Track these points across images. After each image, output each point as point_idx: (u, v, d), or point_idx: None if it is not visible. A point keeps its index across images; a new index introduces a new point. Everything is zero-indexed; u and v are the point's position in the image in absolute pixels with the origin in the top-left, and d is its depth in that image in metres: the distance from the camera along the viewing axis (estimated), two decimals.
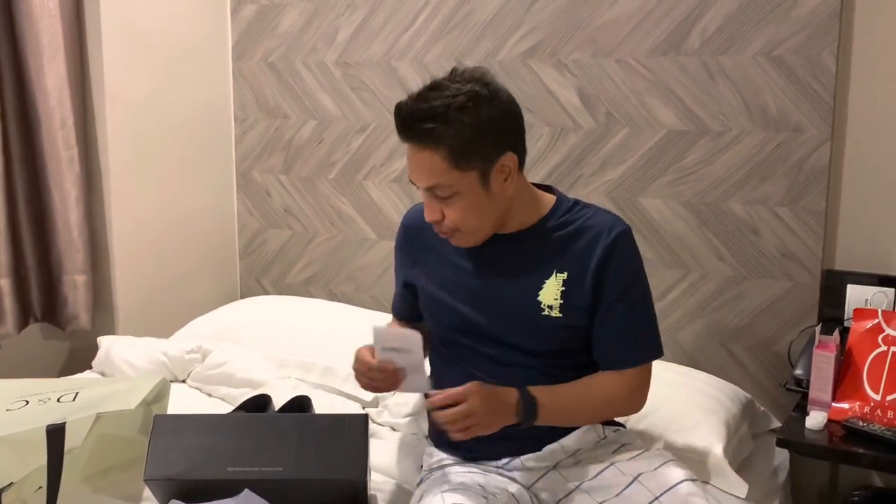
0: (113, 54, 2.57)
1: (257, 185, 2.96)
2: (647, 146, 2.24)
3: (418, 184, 1.51)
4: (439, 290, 1.63)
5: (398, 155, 2.63)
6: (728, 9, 2.10)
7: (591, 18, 2.27)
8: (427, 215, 1.52)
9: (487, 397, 1.43)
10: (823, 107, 2.02)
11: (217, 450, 1.52)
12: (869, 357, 1.82)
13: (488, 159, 1.48)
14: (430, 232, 1.60)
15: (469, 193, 1.48)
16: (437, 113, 1.44)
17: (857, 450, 1.69)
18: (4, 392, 1.73)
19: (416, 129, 1.46)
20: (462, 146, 1.45)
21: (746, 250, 2.16)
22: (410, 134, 1.48)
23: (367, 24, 2.64)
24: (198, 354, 2.33)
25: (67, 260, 2.57)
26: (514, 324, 1.56)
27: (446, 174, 1.46)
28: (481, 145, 1.47)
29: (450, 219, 1.51)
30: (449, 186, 1.47)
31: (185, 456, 1.52)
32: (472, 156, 1.46)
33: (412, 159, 1.50)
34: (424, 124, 1.45)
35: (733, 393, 2.05)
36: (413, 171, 1.51)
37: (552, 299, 1.54)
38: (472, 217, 1.51)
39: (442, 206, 1.50)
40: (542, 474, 1.56)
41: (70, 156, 2.52)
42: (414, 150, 1.48)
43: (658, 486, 1.44)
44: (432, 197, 1.50)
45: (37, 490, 1.54)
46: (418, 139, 1.47)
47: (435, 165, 1.46)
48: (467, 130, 1.45)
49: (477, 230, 1.54)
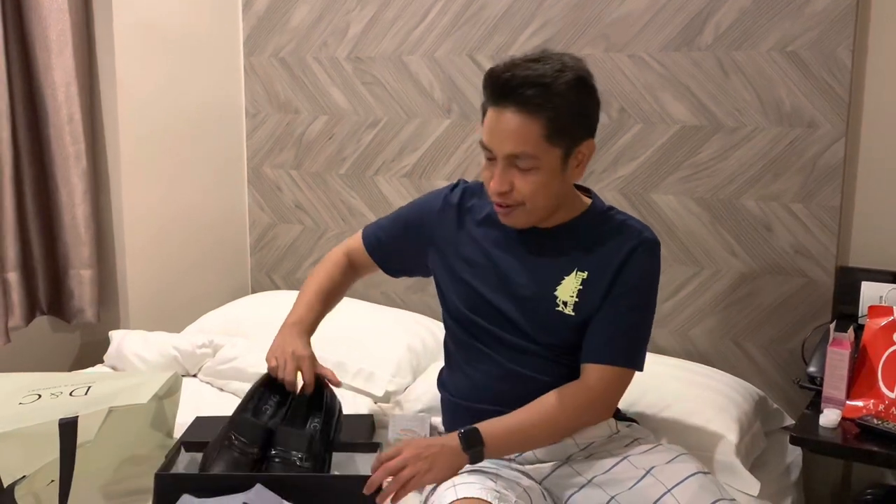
0: (124, 49, 2.57)
1: (268, 180, 2.96)
2: (659, 142, 2.23)
3: (500, 150, 1.47)
4: (468, 270, 1.64)
5: (409, 150, 2.63)
6: (742, 4, 2.08)
7: (603, 13, 2.26)
8: (496, 184, 1.49)
9: (422, 445, 1.44)
10: (838, 102, 2.01)
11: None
12: (884, 355, 1.80)
13: (574, 141, 1.50)
14: (475, 212, 1.64)
15: (547, 170, 1.48)
16: (544, 82, 1.43)
17: (871, 448, 1.67)
18: (17, 385, 1.74)
19: (518, 95, 1.44)
20: (560, 121, 1.45)
21: (760, 247, 2.14)
22: (510, 98, 1.45)
23: (378, 18, 2.63)
24: (209, 349, 2.33)
25: (74, 254, 2.58)
26: (530, 315, 1.57)
27: (537, 145, 1.45)
28: (575, 126, 1.49)
29: (521, 192, 1.49)
30: (534, 158, 1.46)
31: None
32: (564, 133, 1.47)
33: (499, 123, 1.46)
34: (528, 90, 1.43)
35: (746, 390, 2.04)
36: (497, 137, 1.47)
37: (568, 296, 1.55)
38: (542, 194, 1.50)
39: (515, 178, 1.48)
40: (554, 468, 1.56)
41: (77, 151, 2.53)
42: (506, 115, 1.45)
43: (671, 478, 1.44)
44: (508, 166, 1.48)
45: (49, 483, 1.54)
46: (518, 104, 1.44)
47: (528, 134, 1.45)
48: (568, 108, 1.46)
49: (539, 209, 1.53)
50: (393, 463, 1.41)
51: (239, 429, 1.56)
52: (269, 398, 1.68)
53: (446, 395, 1.70)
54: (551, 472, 1.56)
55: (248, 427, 1.57)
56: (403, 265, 1.84)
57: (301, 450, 1.54)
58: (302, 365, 1.65)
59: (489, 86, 1.48)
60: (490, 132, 1.48)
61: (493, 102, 1.48)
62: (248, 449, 1.53)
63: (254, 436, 1.55)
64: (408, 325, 2.42)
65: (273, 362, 1.65)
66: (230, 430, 1.56)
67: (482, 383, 1.62)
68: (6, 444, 1.51)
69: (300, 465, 1.52)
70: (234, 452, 1.53)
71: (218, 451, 1.54)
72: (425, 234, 1.72)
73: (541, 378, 1.56)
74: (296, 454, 1.53)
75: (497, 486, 1.43)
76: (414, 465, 1.40)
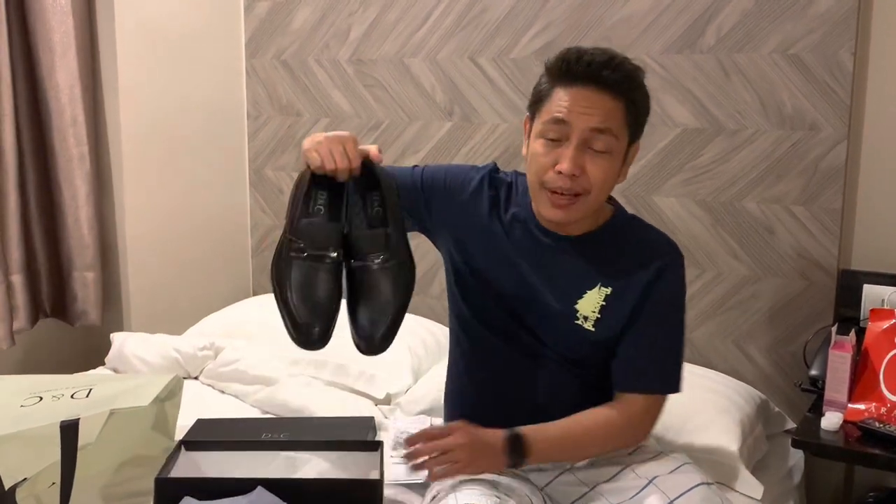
0: (126, 51, 2.58)
1: (270, 183, 2.96)
2: (661, 144, 2.23)
3: (584, 124, 1.42)
4: (491, 267, 1.58)
5: (410, 152, 2.63)
6: (744, 6, 2.08)
7: (605, 15, 2.26)
8: (569, 165, 1.42)
9: (473, 435, 1.43)
10: (840, 105, 2.00)
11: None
12: (886, 358, 1.80)
13: (636, 136, 1.50)
14: (502, 207, 1.59)
15: (617, 158, 1.47)
16: (628, 70, 1.45)
17: (873, 451, 1.67)
18: (18, 388, 1.74)
19: (607, 75, 1.43)
20: (636, 110, 1.46)
21: (761, 249, 2.14)
22: (601, 75, 1.42)
23: (380, 21, 2.63)
24: (210, 351, 2.33)
25: (77, 256, 2.59)
26: (549, 326, 1.55)
27: (619, 124, 1.44)
28: (642, 119, 1.49)
29: (592, 176, 1.44)
30: (614, 138, 1.44)
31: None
32: (635, 124, 1.47)
33: (587, 100, 1.43)
34: (614, 74, 1.43)
35: (748, 393, 2.04)
36: (584, 111, 1.42)
37: (590, 311, 1.52)
38: (608, 184, 1.48)
39: (587, 161, 1.44)
40: (556, 475, 1.55)
41: (81, 153, 2.53)
42: (588, 91, 1.43)
43: (673, 489, 1.42)
44: (584, 148, 1.44)
45: (50, 486, 1.53)
46: (610, 83, 1.43)
47: (614, 111, 1.43)
48: (643, 100, 1.48)
49: (597, 203, 1.50)
50: (442, 443, 1.40)
51: (303, 236, 1.41)
52: (317, 197, 1.48)
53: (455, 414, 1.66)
54: (553, 479, 1.55)
55: (314, 231, 1.42)
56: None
57: (378, 250, 1.42)
58: (347, 145, 1.45)
59: (570, 64, 1.44)
60: (571, 107, 1.43)
61: (576, 79, 1.43)
62: (326, 253, 1.40)
63: (325, 238, 1.41)
64: (409, 326, 2.39)
65: (315, 157, 1.43)
66: (293, 241, 1.41)
67: (490, 388, 1.60)
68: (7, 447, 1.51)
69: (386, 268, 1.41)
70: (309, 262, 1.39)
71: (287, 266, 1.41)
72: (446, 207, 1.63)
73: (550, 386, 1.55)
74: (375, 259, 1.42)
75: (498, 493, 1.43)
76: (459, 452, 1.39)
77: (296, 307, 1.39)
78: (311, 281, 1.39)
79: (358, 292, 1.43)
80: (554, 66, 1.47)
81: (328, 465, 1.58)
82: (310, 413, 2.02)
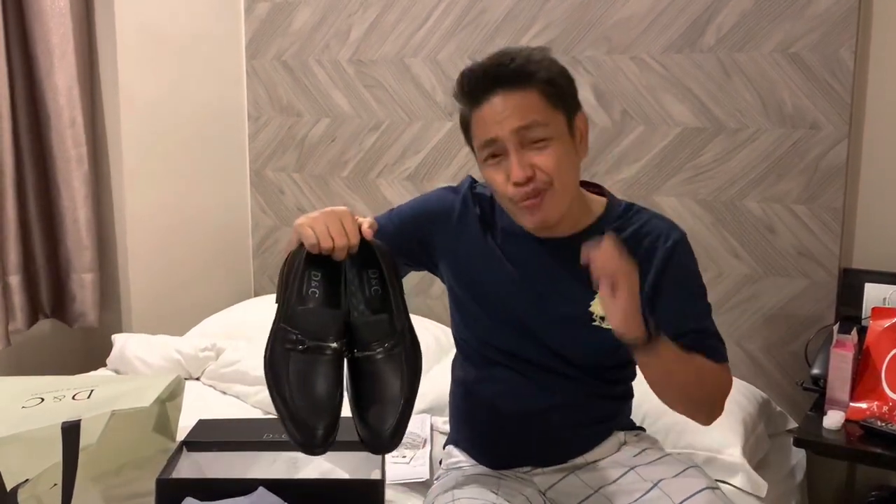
0: (126, 52, 2.58)
1: (270, 184, 2.96)
2: (662, 144, 2.23)
3: (507, 129, 1.39)
4: (493, 286, 1.54)
5: (411, 153, 2.63)
6: (744, 6, 2.08)
7: (605, 15, 2.26)
8: (518, 171, 1.39)
9: (634, 290, 1.31)
10: (841, 104, 2.00)
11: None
12: (887, 356, 1.80)
13: (572, 107, 1.45)
14: (490, 221, 1.54)
15: (561, 139, 1.41)
16: (523, 57, 1.41)
17: (875, 450, 1.67)
18: (20, 389, 1.74)
19: (504, 74, 1.39)
20: (554, 84, 1.41)
21: (763, 248, 2.14)
22: (498, 80, 1.40)
23: (380, 21, 2.63)
24: (212, 352, 2.33)
25: (75, 258, 2.59)
26: (566, 334, 1.50)
27: (543, 111, 1.40)
28: (568, 88, 1.44)
29: (545, 168, 1.39)
30: (545, 125, 1.39)
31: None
32: (562, 96, 1.42)
33: (499, 109, 1.40)
34: (511, 65, 1.39)
35: (749, 392, 2.04)
36: (502, 120, 1.40)
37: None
38: (565, 167, 1.42)
39: (533, 158, 1.40)
40: (560, 478, 1.53)
41: (79, 154, 2.53)
42: (497, 99, 1.40)
43: (678, 493, 1.40)
44: (521, 148, 1.40)
45: (52, 487, 1.53)
46: (509, 82, 1.39)
47: (530, 103, 1.39)
48: (557, 69, 1.42)
49: (567, 188, 1.44)
50: (622, 264, 1.29)
51: (300, 325, 1.27)
52: (310, 279, 1.36)
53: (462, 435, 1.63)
54: (558, 482, 1.54)
55: (312, 320, 1.29)
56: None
57: (383, 338, 1.30)
58: (345, 221, 1.33)
59: (469, 83, 1.42)
60: (489, 122, 1.41)
61: (479, 97, 1.42)
62: (326, 344, 1.27)
63: (324, 327, 1.28)
64: None
65: (310, 234, 1.31)
66: (288, 331, 1.28)
67: (498, 410, 1.55)
68: (9, 448, 1.51)
69: (392, 355, 1.30)
70: (308, 355, 1.26)
71: (283, 359, 1.27)
72: (439, 239, 1.59)
73: (563, 399, 1.52)
74: (379, 348, 1.30)
75: (499, 498, 1.43)
76: (623, 287, 1.28)
77: (296, 406, 1.24)
78: (310, 377, 1.25)
79: (362, 385, 1.30)
80: (458, 93, 1.45)
81: (330, 465, 1.58)
82: None
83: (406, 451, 1.84)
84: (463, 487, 1.46)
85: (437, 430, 1.95)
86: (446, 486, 1.50)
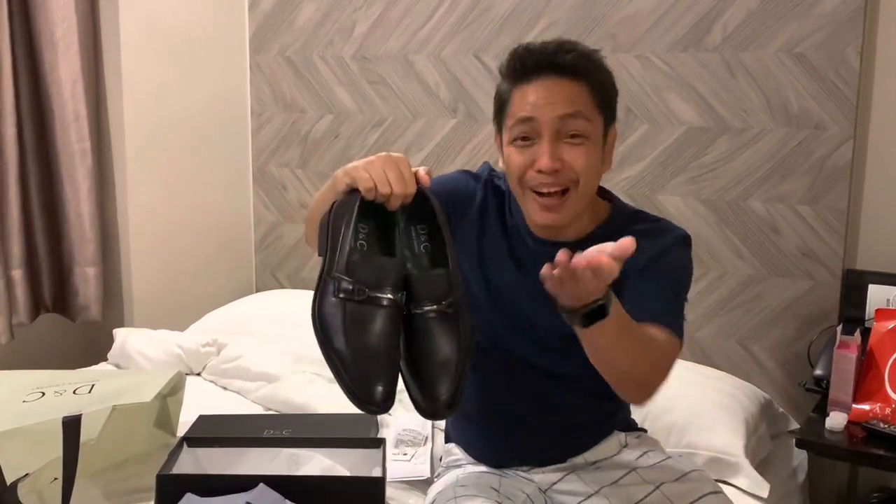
0: (130, 47, 2.58)
1: (273, 180, 2.96)
2: (666, 143, 2.22)
3: (550, 114, 1.35)
4: (501, 285, 1.50)
5: (414, 150, 2.62)
6: (749, 5, 2.08)
7: (610, 13, 2.25)
8: (547, 160, 1.35)
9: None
10: (846, 104, 2.00)
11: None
12: (891, 358, 1.80)
13: (611, 117, 1.42)
14: (508, 217, 1.49)
15: (594, 142, 1.38)
16: (583, 51, 1.39)
17: (877, 451, 1.67)
18: (21, 383, 1.74)
19: (562, 61, 1.36)
20: (603, 89, 1.39)
21: (766, 249, 2.14)
22: (553, 65, 1.36)
23: (384, 17, 2.63)
24: (213, 348, 2.33)
25: (79, 252, 2.59)
26: (566, 336, 1.41)
27: (588, 107, 1.37)
28: (613, 99, 1.42)
29: (574, 166, 1.35)
30: (587, 121, 1.36)
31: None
32: (606, 104, 1.40)
33: (547, 92, 1.36)
34: (570, 56, 1.37)
35: (752, 393, 2.04)
36: (547, 104, 1.35)
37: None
38: (592, 171, 1.39)
39: (565, 152, 1.36)
40: (560, 477, 1.53)
41: (83, 148, 2.53)
42: (548, 82, 1.36)
43: (680, 497, 1.40)
44: (559, 139, 1.36)
45: (52, 482, 1.53)
46: (564, 69, 1.36)
47: (579, 95, 1.36)
48: (607, 78, 1.41)
49: (587, 194, 1.41)
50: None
51: (357, 274, 1.17)
52: (359, 230, 1.25)
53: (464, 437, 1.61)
54: (558, 481, 1.53)
55: (371, 268, 1.19)
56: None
57: (438, 295, 1.20)
58: (402, 167, 1.25)
59: (522, 60, 1.38)
60: (532, 101, 1.36)
61: (529, 75, 1.37)
62: (385, 295, 1.17)
63: (384, 276, 1.18)
64: None
65: (367, 178, 1.23)
66: (342, 280, 1.17)
67: (499, 416, 1.54)
68: (10, 442, 1.51)
69: (447, 315, 1.20)
70: (366, 306, 1.16)
71: (338, 310, 1.17)
72: (463, 223, 1.51)
73: (565, 400, 1.51)
74: (434, 305, 1.20)
75: (500, 496, 1.42)
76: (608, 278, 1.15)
77: (353, 357, 1.15)
78: (368, 327, 1.16)
79: (416, 345, 1.21)
80: (507, 68, 1.41)
81: (330, 462, 1.57)
82: (312, 410, 2.02)
83: (407, 448, 1.84)
84: (464, 485, 1.45)
85: (437, 427, 1.95)
86: (447, 484, 1.50)
